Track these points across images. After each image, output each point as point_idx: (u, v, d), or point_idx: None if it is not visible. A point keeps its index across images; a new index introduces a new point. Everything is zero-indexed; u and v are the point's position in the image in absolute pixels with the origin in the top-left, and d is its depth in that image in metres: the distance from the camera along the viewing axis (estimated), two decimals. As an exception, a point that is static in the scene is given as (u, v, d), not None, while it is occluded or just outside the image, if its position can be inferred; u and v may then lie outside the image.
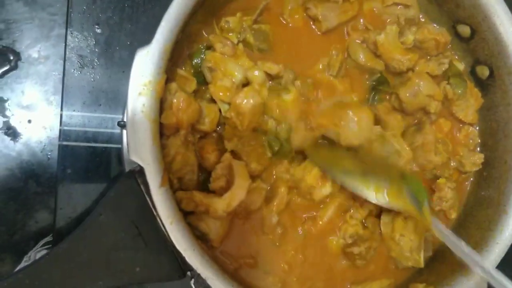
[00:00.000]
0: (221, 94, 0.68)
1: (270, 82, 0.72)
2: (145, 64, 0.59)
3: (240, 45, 0.71)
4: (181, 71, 0.68)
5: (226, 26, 0.71)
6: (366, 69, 0.78)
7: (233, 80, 0.68)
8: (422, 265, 0.74)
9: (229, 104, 0.69)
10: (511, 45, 0.74)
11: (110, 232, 0.61)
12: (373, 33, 0.76)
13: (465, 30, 0.79)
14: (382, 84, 0.77)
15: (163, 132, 0.65)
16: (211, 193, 0.68)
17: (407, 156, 0.74)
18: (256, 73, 0.69)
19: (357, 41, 0.78)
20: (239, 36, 0.71)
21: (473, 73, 0.81)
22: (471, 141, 0.80)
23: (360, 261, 0.74)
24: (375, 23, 0.79)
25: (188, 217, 0.69)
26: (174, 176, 0.67)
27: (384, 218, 0.76)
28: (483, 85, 0.80)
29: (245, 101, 0.67)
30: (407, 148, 0.74)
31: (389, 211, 0.75)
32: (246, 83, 0.70)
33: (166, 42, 0.60)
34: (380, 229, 0.76)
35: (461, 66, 0.80)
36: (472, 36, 0.79)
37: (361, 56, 0.76)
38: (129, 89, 0.59)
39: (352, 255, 0.74)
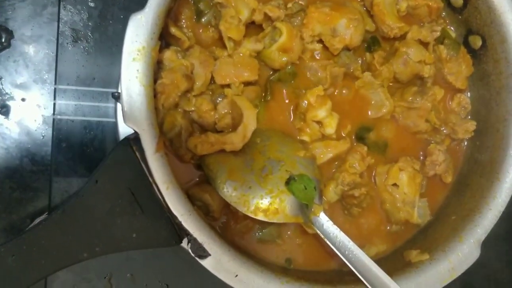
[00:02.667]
0: (230, 34, 0.69)
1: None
2: (139, 30, 0.60)
3: None
4: (173, 30, 0.68)
5: None
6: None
7: (240, 17, 0.69)
8: (415, 218, 0.76)
9: (235, 42, 0.70)
10: (503, 13, 0.75)
11: (107, 199, 0.61)
12: None
13: (457, 0, 0.79)
14: (374, 45, 0.78)
15: (155, 93, 0.65)
16: (223, 132, 0.70)
17: (390, 107, 0.77)
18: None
19: None
20: None
21: (465, 43, 0.82)
22: (463, 108, 0.80)
23: (357, 208, 0.75)
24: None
25: (191, 189, 0.70)
26: (166, 137, 0.68)
27: (379, 169, 0.77)
28: (476, 55, 0.81)
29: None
30: (391, 100, 0.77)
31: (384, 162, 0.77)
32: (251, 22, 0.71)
33: (160, 8, 0.60)
34: (375, 180, 0.78)
35: (453, 34, 0.81)
36: (465, 6, 0.79)
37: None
38: (123, 55, 0.59)
39: (351, 200, 0.74)
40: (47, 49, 0.93)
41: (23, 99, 0.93)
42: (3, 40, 0.91)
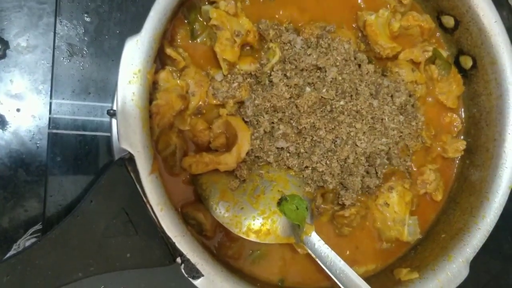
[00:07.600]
0: (225, 56, 0.70)
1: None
2: (135, 53, 0.60)
3: (239, 4, 0.72)
4: (169, 51, 0.69)
5: None
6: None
7: (235, 39, 0.70)
8: (405, 236, 0.77)
9: (229, 63, 0.71)
10: (494, 36, 0.76)
11: (101, 219, 0.62)
12: (366, 13, 0.77)
13: (449, 21, 0.81)
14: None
15: (150, 113, 0.65)
16: (217, 152, 0.71)
17: None
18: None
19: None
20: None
21: (456, 63, 0.83)
22: (455, 128, 0.81)
23: (347, 228, 0.76)
24: (370, 5, 0.80)
25: (185, 208, 0.71)
26: (160, 155, 0.69)
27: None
28: (467, 75, 0.82)
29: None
30: None
31: None
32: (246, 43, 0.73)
33: (156, 31, 0.61)
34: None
35: (445, 53, 0.82)
36: (456, 27, 0.80)
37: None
38: (119, 78, 0.60)
39: (342, 220, 0.75)
40: (43, 59, 0.92)
41: (18, 110, 0.93)
42: (-2, 50, 0.91)
